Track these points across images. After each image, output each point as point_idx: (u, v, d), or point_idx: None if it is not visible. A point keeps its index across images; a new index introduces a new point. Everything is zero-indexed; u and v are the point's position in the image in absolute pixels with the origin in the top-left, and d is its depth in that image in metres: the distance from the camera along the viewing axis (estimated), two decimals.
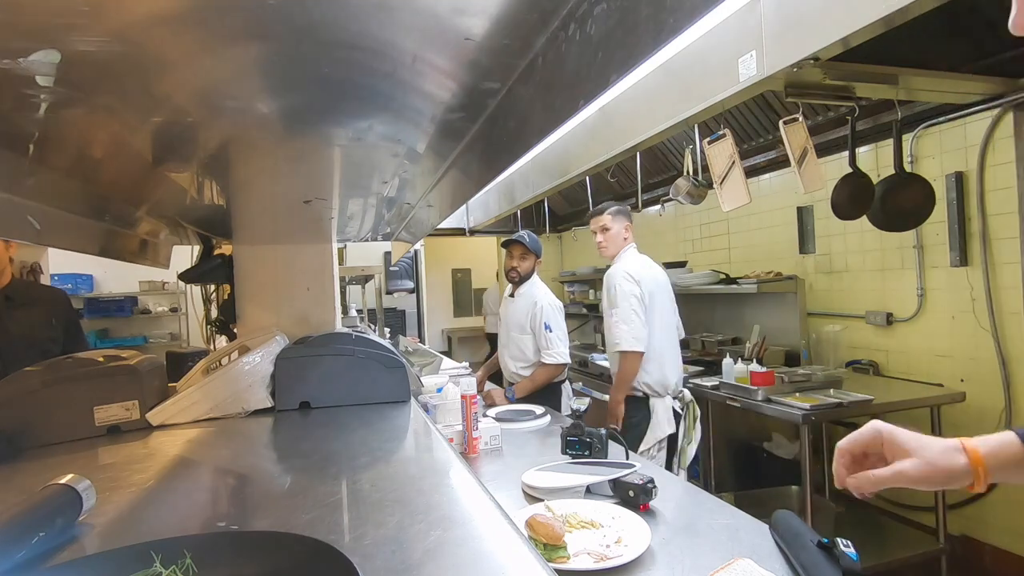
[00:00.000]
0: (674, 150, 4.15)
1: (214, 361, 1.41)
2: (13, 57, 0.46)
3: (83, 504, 0.65)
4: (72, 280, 5.21)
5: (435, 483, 0.80)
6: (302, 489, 0.79)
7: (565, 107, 0.55)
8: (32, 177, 0.79)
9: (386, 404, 1.31)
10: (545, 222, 5.83)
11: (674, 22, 0.33)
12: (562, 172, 2.95)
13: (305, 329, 1.56)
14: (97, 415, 1.12)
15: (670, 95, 1.99)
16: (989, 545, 2.73)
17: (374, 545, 0.58)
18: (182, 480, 0.89)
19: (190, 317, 5.41)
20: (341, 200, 1.23)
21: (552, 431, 2.31)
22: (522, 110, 0.64)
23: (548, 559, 1.05)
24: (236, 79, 0.58)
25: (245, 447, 1.09)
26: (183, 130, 0.71)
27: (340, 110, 0.69)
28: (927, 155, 2.89)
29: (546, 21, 0.49)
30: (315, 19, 0.45)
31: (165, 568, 0.44)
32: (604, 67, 0.45)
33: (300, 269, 1.61)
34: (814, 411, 2.43)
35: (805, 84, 2.03)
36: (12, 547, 0.54)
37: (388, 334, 3.93)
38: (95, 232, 1.23)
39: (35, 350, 1.86)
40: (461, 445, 1.94)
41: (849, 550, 1.06)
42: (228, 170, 0.94)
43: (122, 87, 0.56)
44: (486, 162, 0.84)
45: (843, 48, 1.48)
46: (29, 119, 0.61)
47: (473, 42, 0.51)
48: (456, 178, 1.04)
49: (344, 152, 0.86)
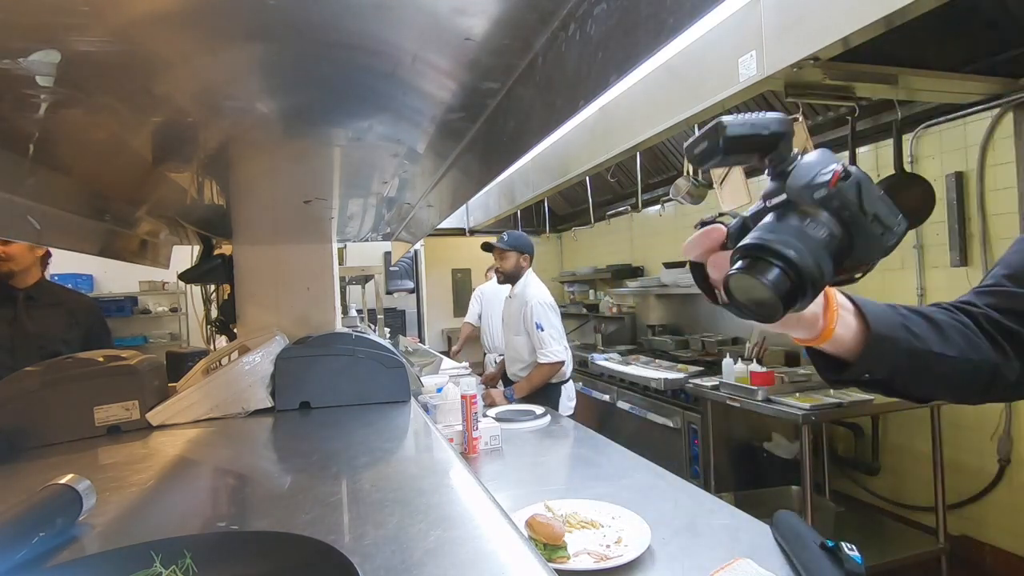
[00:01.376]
0: (674, 150, 4.15)
1: (214, 361, 1.41)
2: (13, 57, 0.46)
3: (83, 504, 0.65)
4: (72, 280, 5.20)
5: (435, 483, 0.80)
6: (302, 489, 0.79)
7: (565, 107, 0.55)
8: (32, 177, 0.79)
9: (386, 404, 1.31)
10: (545, 222, 5.84)
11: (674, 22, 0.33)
12: (562, 172, 2.95)
13: (305, 329, 1.56)
14: (97, 415, 1.12)
15: (670, 95, 1.99)
16: (989, 545, 2.73)
17: (374, 545, 0.58)
18: (182, 480, 0.89)
19: (190, 317, 5.40)
20: (341, 200, 1.23)
21: (552, 431, 2.31)
22: (522, 110, 0.64)
23: (548, 559, 1.05)
24: (236, 79, 0.58)
25: (245, 447, 1.09)
26: (183, 130, 0.71)
27: (340, 110, 0.69)
28: (927, 155, 2.89)
29: (546, 21, 0.49)
30: (315, 19, 0.45)
31: (165, 568, 0.44)
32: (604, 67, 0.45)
33: (300, 269, 1.61)
34: (814, 411, 2.42)
35: (805, 84, 2.03)
36: (12, 547, 0.54)
37: (388, 334, 3.93)
38: (95, 232, 1.23)
39: (45, 351, 1.89)
40: (461, 445, 1.94)
41: (853, 553, 1.06)
42: (228, 170, 0.94)
43: (122, 87, 0.56)
44: (486, 162, 0.84)
45: (843, 48, 1.48)
46: (29, 119, 0.61)
47: (473, 42, 0.51)
48: (456, 178, 1.04)
49: (344, 152, 0.86)
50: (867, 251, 0.49)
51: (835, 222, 0.48)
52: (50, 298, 2.12)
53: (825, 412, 2.47)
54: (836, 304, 0.62)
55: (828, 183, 0.47)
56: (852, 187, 0.47)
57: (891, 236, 0.49)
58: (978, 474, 2.76)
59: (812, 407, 2.44)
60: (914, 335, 0.66)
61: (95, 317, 2.22)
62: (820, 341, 0.62)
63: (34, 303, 2.05)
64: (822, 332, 0.61)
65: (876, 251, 0.49)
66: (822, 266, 0.48)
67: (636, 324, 5.36)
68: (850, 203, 0.47)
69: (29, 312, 2.02)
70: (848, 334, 0.63)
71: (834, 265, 0.49)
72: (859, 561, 1.05)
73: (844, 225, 0.48)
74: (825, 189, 0.48)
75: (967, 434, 2.81)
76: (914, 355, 0.65)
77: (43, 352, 1.85)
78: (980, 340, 0.68)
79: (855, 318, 0.64)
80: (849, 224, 0.48)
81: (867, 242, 0.48)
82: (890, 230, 0.49)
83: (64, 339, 2.05)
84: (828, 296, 0.61)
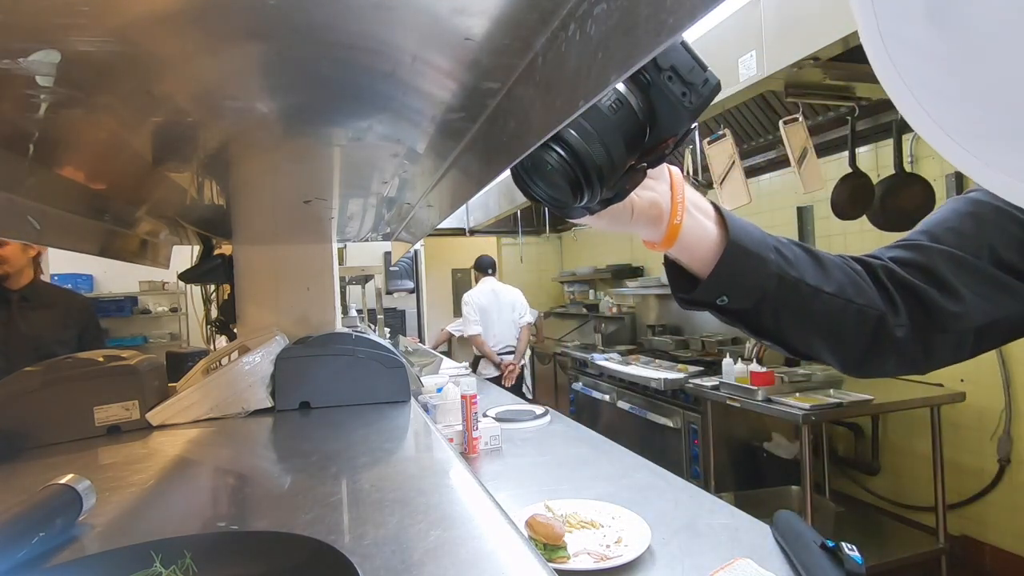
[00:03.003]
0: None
1: (214, 361, 1.41)
2: (13, 57, 0.46)
3: (83, 504, 0.65)
4: (72, 280, 5.21)
5: (435, 483, 0.80)
6: (302, 489, 0.79)
7: (565, 107, 0.55)
8: (32, 177, 0.79)
9: (386, 404, 1.31)
10: (545, 222, 5.84)
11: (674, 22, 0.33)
12: None
13: (305, 329, 1.56)
14: (97, 415, 1.12)
15: None
16: (989, 545, 2.73)
17: (374, 545, 0.58)
18: (182, 480, 0.89)
19: (190, 317, 5.40)
20: (341, 200, 1.23)
21: (552, 431, 2.31)
22: (522, 110, 0.64)
23: (548, 559, 1.05)
24: (236, 79, 0.58)
25: (245, 447, 1.09)
26: (183, 130, 0.71)
27: (340, 110, 0.69)
28: (927, 155, 2.89)
29: (546, 21, 0.49)
30: (315, 19, 0.45)
31: (165, 568, 0.44)
32: (604, 67, 0.45)
33: (300, 269, 1.61)
34: (814, 411, 2.42)
35: (805, 84, 2.03)
36: (12, 547, 0.54)
37: (388, 334, 3.93)
38: (95, 232, 1.23)
39: (41, 352, 1.89)
40: (461, 445, 1.94)
41: (854, 553, 1.06)
42: (228, 170, 0.94)
43: (122, 87, 0.56)
44: (486, 162, 0.84)
45: (843, 48, 1.48)
46: (29, 119, 0.61)
47: (473, 42, 0.51)
48: (456, 178, 1.04)
49: (344, 152, 0.86)
50: (671, 117, 0.42)
51: (628, 88, 0.42)
52: (44, 299, 2.12)
53: (825, 412, 2.47)
54: (684, 199, 0.54)
55: None
56: None
57: (694, 95, 0.41)
58: (978, 474, 2.76)
59: (812, 407, 2.44)
60: (786, 260, 0.58)
61: (88, 316, 2.22)
62: (667, 244, 0.55)
63: (28, 304, 2.05)
64: (667, 230, 0.54)
65: (681, 116, 0.42)
66: (608, 146, 0.41)
67: (636, 324, 5.36)
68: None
69: (23, 313, 2.02)
70: (703, 242, 0.55)
71: (637, 144, 0.43)
72: (859, 561, 1.05)
73: (641, 90, 0.42)
74: None
75: (967, 434, 2.81)
76: (784, 283, 0.57)
77: (38, 353, 1.84)
78: (867, 285, 0.60)
79: (716, 226, 0.56)
80: (647, 88, 0.42)
81: (669, 107, 0.41)
82: (692, 87, 0.41)
83: (59, 339, 2.05)
84: (674, 188, 0.54)
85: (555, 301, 7.15)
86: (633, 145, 0.42)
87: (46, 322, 2.06)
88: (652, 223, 0.54)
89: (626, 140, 0.42)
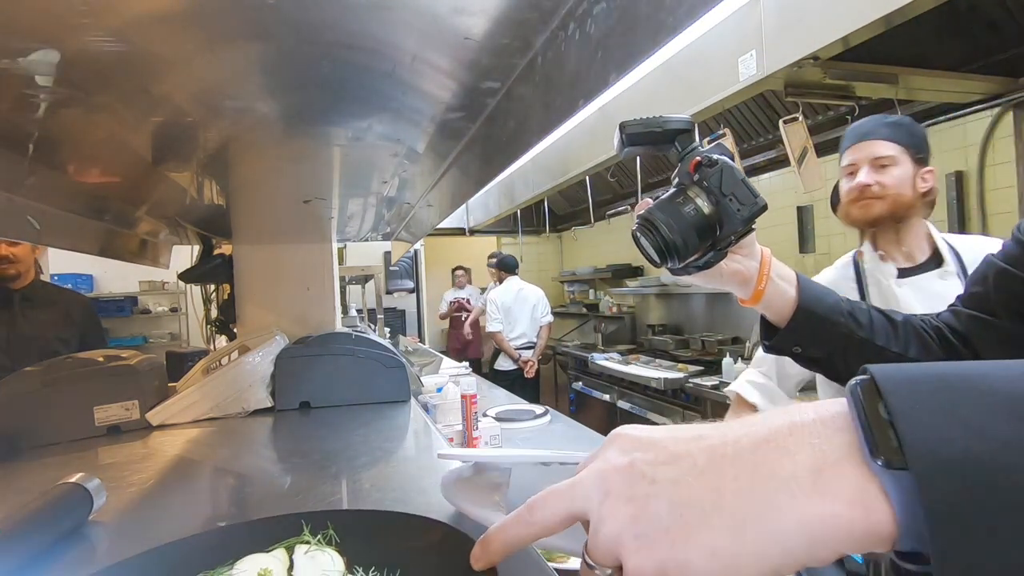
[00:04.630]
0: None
1: (214, 361, 1.41)
2: (13, 57, 0.46)
3: (94, 502, 0.65)
4: (72, 280, 5.20)
5: (435, 482, 0.80)
6: (302, 488, 0.79)
7: (565, 107, 0.55)
8: (32, 177, 0.79)
9: (386, 404, 1.31)
10: (545, 222, 5.83)
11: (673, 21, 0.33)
12: (562, 172, 2.95)
13: (305, 329, 1.56)
14: (97, 415, 1.12)
15: (670, 94, 1.99)
16: None
17: None
18: (182, 480, 0.89)
19: (190, 317, 5.40)
20: (341, 200, 1.23)
21: (552, 431, 2.31)
22: (522, 110, 0.64)
23: (548, 559, 1.05)
24: (236, 79, 0.58)
25: (245, 447, 1.09)
26: (183, 130, 0.71)
27: (340, 110, 0.69)
28: None
29: (546, 20, 0.49)
30: (315, 19, 0.45)
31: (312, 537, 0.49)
32: (604, 66, 0.45)
33: (300, 269, 1.61)
34: None
35: (805, 83, 2.03)
36: (30, 544, 0.55)
37: (388, 334, 3.93)
38: (95, 232, 1.23)
39: (44, 351, 1.89)
40: (461, 445, 1.94)
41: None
42: (228, 170, 0.94)
43: (122, 87, 0.56)
44: (486, 162, 0.84)
45: (843, 47, 1.48)
46: (29, 119, 0.62)
47: (473, 41, 0.51)
48: (456, 178, 1.04)
49: (344, 152, 0.86)
50: (730, 222, 0.62)
51: (705, 201, 0.62)
52: (45, 298, 2.12)
53: None
54: (771, 271, 0.70)
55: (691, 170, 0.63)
56: (715, 174, 0.61)
57: (746, 210, 0.62)
58: None
59: None
60: (857, 323, 0.72)
61: (89, 315, 2.23)
62: (752, 302, 0.71)
63: (30, 304, 2.05)
64: (753, 293, 0.70)
65: (736, 222, 0.62)
66: (685, 236, 0.62)
67: (636, 324, 5.37)
68: (712, 186, 0.61)
69: (25, 313, 2.03)
70: (781, 303, 0.71)
71: (708, 235, 0.63)
72: (859, 560, 1.05)
73: (712, 205, 0.62)
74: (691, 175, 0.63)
75: None
76: (852, 341, 0.71)
77: (41, 352, 1.85)
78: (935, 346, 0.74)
79: (795, 291, 0.71)
80: (717, 203, 0.62)
81: (729, 216, 0.62)
82: (745, 206, 0.62)
83: (61, 338, 2.05)
84: (763, 263, 0.70)
85: (555, 301, 7.14)
86: (703, 236, 0.63)
87: (48, 321, 2.07)
88: (740, 285, 0.71)
89: (698, 232, 0.62)
